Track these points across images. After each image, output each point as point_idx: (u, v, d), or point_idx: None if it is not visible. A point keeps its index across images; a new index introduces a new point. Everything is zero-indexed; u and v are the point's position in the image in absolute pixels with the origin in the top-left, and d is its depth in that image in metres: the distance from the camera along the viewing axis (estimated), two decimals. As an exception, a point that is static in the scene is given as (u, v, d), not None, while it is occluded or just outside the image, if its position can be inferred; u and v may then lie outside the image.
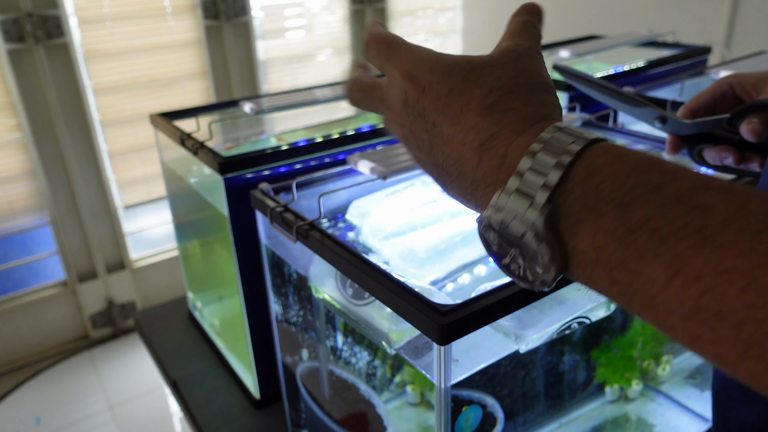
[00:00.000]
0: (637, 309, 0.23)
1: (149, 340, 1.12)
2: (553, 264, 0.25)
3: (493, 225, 0.27)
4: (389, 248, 0.65)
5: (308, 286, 0.65)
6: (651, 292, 0.22)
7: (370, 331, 0.55)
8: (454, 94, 0.29)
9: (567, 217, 0.25)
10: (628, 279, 0.23)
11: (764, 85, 0.52)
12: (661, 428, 0.75)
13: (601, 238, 0.23)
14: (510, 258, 0.27)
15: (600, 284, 0.24)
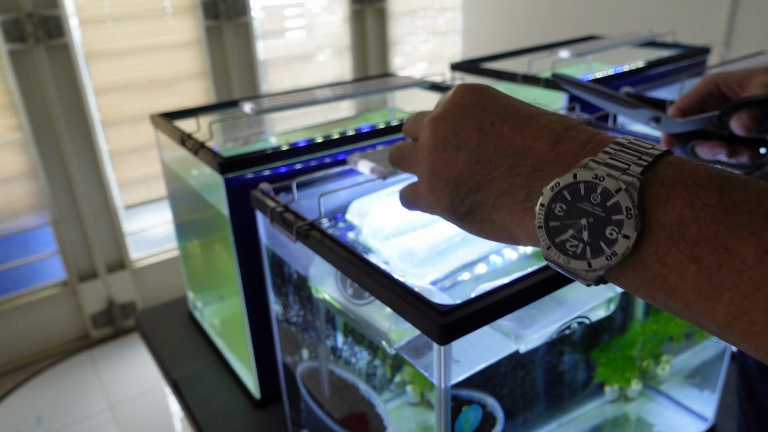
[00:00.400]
0: (710, 291, 0.23)
1: (149, 339, 1.12)
2: (634, 230, 0.25)
3: (577, 183, 0.26)
4: (389, 248, 0.65)
5: (308, 286, 0.66)
6: (738, 269, 0.22)
7: (370, 331, 0.55)
8: (520, 103, 0.32)
9: (658, 189, 0.25)
10: (712, 256, 0.23)
11: (748, 81, 0.53)
12: (661, 428, 0.75)
13: (692, 212, 0.24)
14: (572, 232, 0.27)
15: (674, 265, 0.24)
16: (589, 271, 0.26)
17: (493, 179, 0.30)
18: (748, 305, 0.22)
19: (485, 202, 0.31)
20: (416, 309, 0.43)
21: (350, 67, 3.27)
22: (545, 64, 1.22)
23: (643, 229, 0.25)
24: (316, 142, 0.81)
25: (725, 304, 0.23)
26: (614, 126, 0.84)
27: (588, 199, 0.26)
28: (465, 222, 0.33)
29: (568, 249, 0.27)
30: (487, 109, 0.32)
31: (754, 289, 0.22)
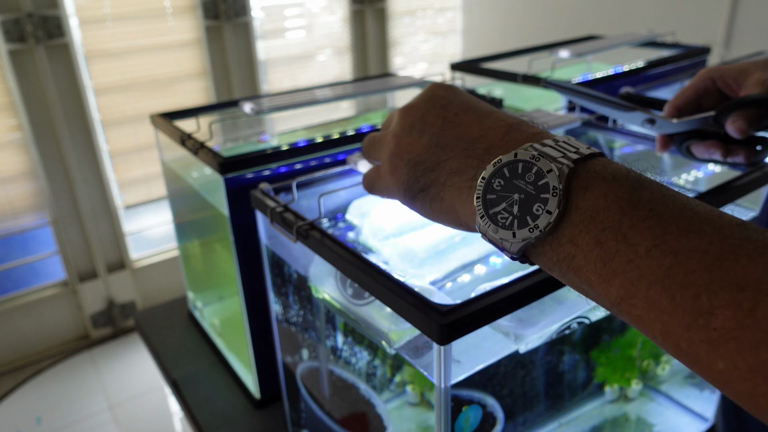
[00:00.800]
0: (606, 276, 0.26)
1: (149, 339, 1.12)
2: (557, 207, 0.28)
3: (516, 162, 0.30)
4: (389, 248, 0.65)
5: (308, 286, 0.66)
6: (629, 257, 0.25)
7: (370, 331, 0.55)
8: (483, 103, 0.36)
9: (582, 179, 0.28)
10: (612, 242, 0.26)
11: (745, 77, 0.53)
12: (661, 428, 0.75)
13: (605, 202, 0.27)
14: (504, 206, 0.30)
15: (581, 246, 0.27)
16: (513, 241, 0.29)
17: (448, 159, 0.34)
18: (633, 290, 0.25)
19: (438, 180, 0.34)
20: (416, 309, 0.43)
21: (350, 67, 3.27)
22: (545, 64, 1.22)
23: (565, 211, 0.28)
24: (316, 142, 0.81)
25: (616, 287, 0.26)
26: (614, 126, 0.84)
27: (524, 177, 0.30)
28: (417, 201, 0.36)
29: (499, 220, 0.30)
30: (453, 102, 0.36)
31: (639, 276, 0.25)
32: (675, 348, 0.24)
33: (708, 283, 0.23)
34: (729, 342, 0.22)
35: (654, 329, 0.25)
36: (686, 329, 0.23)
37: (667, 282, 0.24)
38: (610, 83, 1.11)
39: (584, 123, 0.83)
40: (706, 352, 0.23)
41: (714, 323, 0.23)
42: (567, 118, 0.79)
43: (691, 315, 0.23)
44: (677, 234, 0.25)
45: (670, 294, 0.24)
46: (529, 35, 3.00)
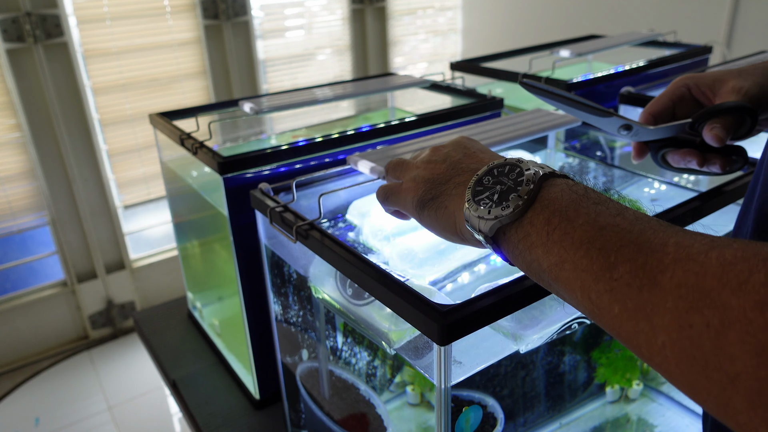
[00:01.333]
0: (548, 246, 0.33)
1: (149, 340, 1.11)
2: (526, 196, 0.35)
3: (503, 164, 0.38)
4: (389, 248, 0.65)
5: (308, 286, 0.65)
6: (566, 230, 0.33)
7: (370, 331, 0.55)
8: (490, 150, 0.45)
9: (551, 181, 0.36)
10: (557, 220, 0.33)
11: (720, 85, 0.53)
12: (662, 428, 0.75)
13: (562, 194, 0.35)
14: (488, 194, 0.37)
15: (537, 224, 0.34)
16: (488, 218, 0.36)
17: (458, 175, 0.41)
18: (564, 255, 0.32)
19: (445, 191, 0.41)
20: (416, 309, 0.43)
21: (350, 67, 3.27)
22: (545, 64, 1.22)
23: (532, 202, 0.35)
24: (316, 142, 0.81)
25: (554, 254, 0.33)
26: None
27: (508, 176, 0.37)
28: (425, 210, 0.42)
29: (480, 204, 0.37)
30: (475, 146, 0.45)
31: (570, 244, 0.32)
32: (587, 301, 0.31)
33: (618, 247, 0.30)
34: (623, 287, 0.29)
35: (575, 287, 0.31)
36: (596, 281, 0.30)
37: (588, 246, 0.31)
38: (610, 83, 1.10)
39: (584, 123, 0.83)
40: (607, 299, 0.29)
41: (615, 274, 0.29)
42: (567, 118, 0.79)
43: (601, 270, 0.30)
44: (606, 216, 0.32)
45: (589, 255, 0.31)
46: (529, 35, 2.99)
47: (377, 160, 0.65)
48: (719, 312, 0.25)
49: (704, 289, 0.26)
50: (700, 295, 0.26)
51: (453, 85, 1.09)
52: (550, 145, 0.94)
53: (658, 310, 0.27)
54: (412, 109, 1.23)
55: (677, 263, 0.27)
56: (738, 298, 0.24)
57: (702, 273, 0.26)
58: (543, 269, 0.34)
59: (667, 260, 0.28)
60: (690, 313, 0.26)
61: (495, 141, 0.70)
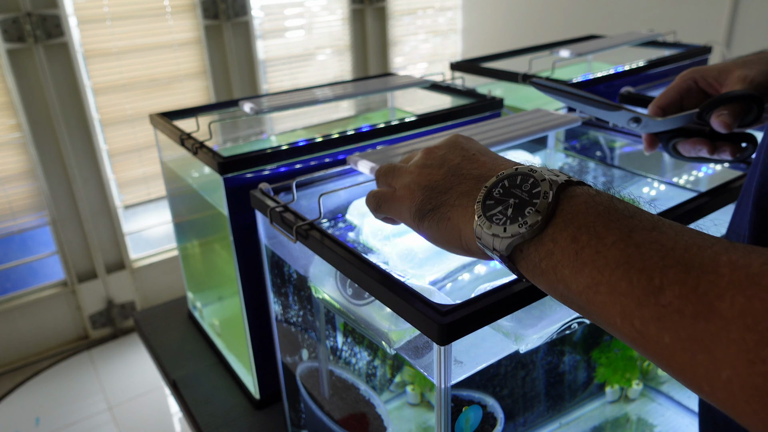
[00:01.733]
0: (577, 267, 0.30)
1: (149, 340, 1.11)
2: (546, 210, 0.32)
3: (515, 174, 0.35)
4: (389, 248, 0.65)
5: (308, 286, 0.65)
6: (598, 249, 0.30)
7: (370, 331, 0.55)
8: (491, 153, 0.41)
9: (570, 191, 0.33)
10: (585, 237, 0.30)
11: (726, 76, 0.54)
12: (662, 428, 0.75)
13: (586, 207, 0.31)
14: (500, 209, 0.34)
15: (562, 242, 0.31)
16: (503, 236, 0.33)
17: (460, 183, 0.38)
18: (598, 277, 0.29)
19: (448, 201, 0.38)
20: (416, 309, 0.43)
21: (350, 67, 3.27)
22: (545, 64, 1.22)
23: (551, 216, 0.32)
24: (316, 142, 0.81)
25: (585, 275, 0.30)
26: (614, 125, 0.84)
27: (520, 187, 0.34)
28: (426, 221, 0.39)
29: (493, 220, 0.34)
30: (472, 147, 0.41)
31: (605, 265, 0.29)
32: (630, 328, 0.28)
33: (661, 267, 0.27)
34: (674, 315, 0.26)
35: (614, 312, 0.28)
36: (639, 307, 0.27)
37: (626, 267, 0.28)
38: (610, 83, 1.10)
39: (584, 123, 0.83)
40: (655, 327, 0.26)
41: (663, 300, 0.26)
42: (567, 118, 0.79)
43: (644, 294, 0.27)
44: (641, 232, 0.29)
45: (628, 278, 0.28)
46: (529, 35, 2.99)
47: (377, 160, 0.65)
48: None
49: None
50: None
51: (453, 85, 1.09)
52: (550, 145, 0.94)
53: (719, 342, 0.24)
54: (412, 109, 1.23)
55: (736, 287, 0.24)
56: None
57: (765, 295, 0.24)
58: (572, 291, 0.30)
59: (722, 283, 0.25)
60: (761, 346, 0.23)
61: (495, 141, 0.70)
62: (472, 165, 0.39)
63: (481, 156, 0.40)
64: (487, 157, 0.40)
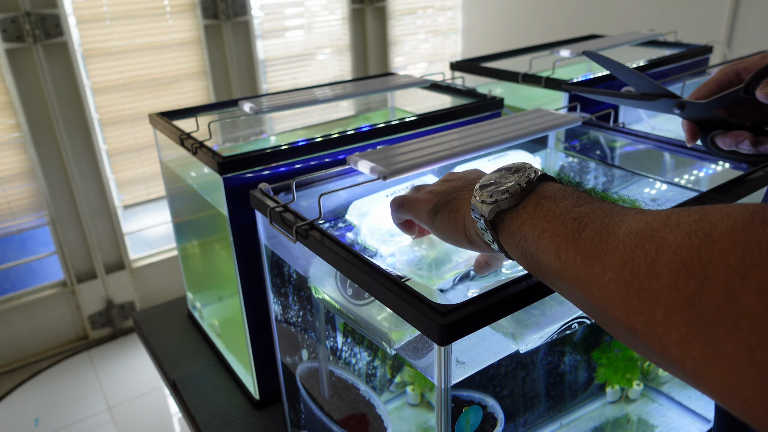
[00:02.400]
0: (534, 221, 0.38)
1: (148, 340, 1.11)
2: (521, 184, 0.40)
3: (511, 165, 0.43)
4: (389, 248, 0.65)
5: (308, 286, 0.65)
6: (552, 207, 0.37)
7: (370, 332, 0.55)
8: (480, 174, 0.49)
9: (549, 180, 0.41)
10: (546, 202, 0.38)
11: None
12: (662, 429, 0.75)
13: (556, 187, 0.40)
14: (494, 185, 0.41)
15: (528, 207, 0.39)
16: (488, 201, 0.40)
17: (471, 184, 0.46)
18: (545, 226, 0.36)
19: (459, 197, 0.45)
20: (416, 309, 0.43)
21: (350, 67, 3.26)
22: (546, 64, 1.21)
23: (530, 192, 0.40)
24: (316, 142, 0.81)
25: (537, 227, 0.37)
26: (614, 125, 0.84)
27: (514, 174, 0.42)
28: (438, 215, 0.46)
29: (484, 192, 0.41)
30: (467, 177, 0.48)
31: (553, 217, 0.37)
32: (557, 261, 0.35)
33: (589, 213, 0.35)
34: (587, 242, 0.33)
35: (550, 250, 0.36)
36: (565, 240, 0.35)
37: (565, 217, 0.36)
38: (610, 83, 1.10)
39: (585, 123, 0.82)
40: (573, 253, 0.34)
41: (583, 234, 0.34)
42: (567, 118, 0.79)
43: (572, 232, 0.35)
44: (589, 200, 0.37)
45: (565, 223, 0.36)
46: (529, 35, 2.99)
47: (377, 160, 0.65)
48: (656, 243, 0.29)
49: (650, 231, 0.30)
50: (645, 236, 0.30)
51: (453, 85, 1.09)
52: (550, 145, 0.94)
53: (610, 253, 0.31)
54: (412, 109, 1.23)
55: (633, 218, 0.32)
56: (673, 233, 0.28)
57: (651, 221, 0.31)
58: (528, 244, 0.38)
59: (627, 219, 0.32)
60: (635, 250, 0.30)
61: (495, 141, 0.70)
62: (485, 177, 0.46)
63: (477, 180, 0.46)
64: (480, 179, 0.46)
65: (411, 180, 0.75)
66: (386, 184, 0.72)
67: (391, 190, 0.73)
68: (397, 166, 0.64)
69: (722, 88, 0.54)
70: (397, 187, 0.73)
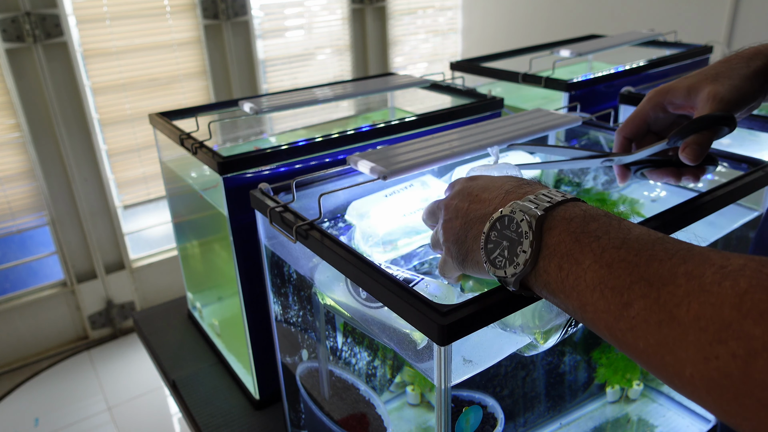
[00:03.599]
0: (567, 291, 0.35)
1: (148, 340, 1.11)
2: (530, 247, 0.37)
3: (502, 217, 0.40)
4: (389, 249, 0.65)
5: (312, 290, 0.65)
6: (579, 273, 0.34)
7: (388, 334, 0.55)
8: (496, 179, 0.46)
9: (549, 222, 0.38)
10: (568, 264, 0.35)
11: (695, 94, 0.52)
12: (662, 429, 0.75)
13: (563, 236, 0.36)
14: (498, 251, 0.40)
15: (551, 272, 0.36)
16: (508, 277, 0.39)
17: (471, 228, 0.44)
18: (583, 299, 0.34)
19: (469, 248, 0.44)
20: (416, 309, 0.43)
21: (350, 67, 3.26)
22: (546, 64, 1.21)
23: (540, 249, 0.37)
24: (316, 142, 0.81)
25: (574, 299, 0.34)
26: (615, 125, 0.84)
27: (509, 228, 0.39)
28: (466, 264, 0.45)
29: (497, 263, 0.40)
30: (473, 187, 0.46)
31: (585, 287, 0.33)
32: (614, 338, 0.32)
33: (628, 284, 0.31)
34: (642, 324, 0.30)
35: (601, 327, 0.33)
36: (616, 320, 0.31)
37: (601, 287, 0.32)
38: (610, 83, 1.10)
39: (585, 123, 0.82)
40: (631, 336, 0.30)
41: (632, 312, 0.30)
42: (567, 117, 0.79)
43: (617, 309, 0.31)
44: (611, 251, 0.33)
45: (604, 297, 0.32)
46: (529, 34, 2.99)
47: (377, 160, 0.65)
48: (744, 342, 0.25)
49: (725, 321, 0.26)
50: (721, 326, 0.26)
51: (453, 85, 1.09)
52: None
53: (680, 344, 0.28)
54: (412, 109, 1.23)
55: (691, 296, 0.28)
56: (761, 327, 0.25)
57: (719, 304, 0.27)
58: (570, 311, 0.35)
59: (680, 293, 0.29)
60: (714, 345, 0.26)
61: (495, 141, 0.70)
62: (477, 206, 0.44)
63: (483, 193, 0.45)
64: (488, 192, 0.44)
65: (411, 180, 0.75)
66: (386, 184, 0.71)
67: (390, 190, 0.73)
68: (397, 166, 0.64)
69: (648, 121, 0.56)
70: (396, 187, 0.73)
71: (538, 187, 0.43)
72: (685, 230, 0.57)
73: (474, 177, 0.48)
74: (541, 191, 0.40)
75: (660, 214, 0.56)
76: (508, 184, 0.44)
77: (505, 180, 0.45)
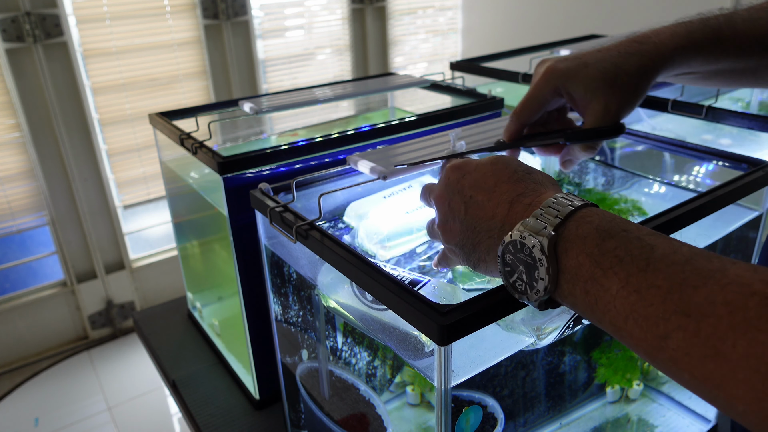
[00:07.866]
0: (598, 315, 0.33)
1: (148, 340, 1.11)
2: (546, 274, 0.35)
3: (514, 241, 0.38)
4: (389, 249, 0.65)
5: (314, 293, 0.65)
6: (607, 299, 0.32)
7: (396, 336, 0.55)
8: (488, 175, 0.43)
9: (563, 243, 0.36)
10: (594, 289, 0.33)
11: (592, 98, 0.50)
12: (663, 429, 0.75)
13: (582, 258, 0.34)
14: (516, 275, 0.38)
15: (578, 296, 0.34)
16: (530, 303, 0.38)
17: (480, 241, 0.42)
18: (617, 325, 0.32)
19: (481, 258, 0.43)
20: (416, 309, 0.43)
21: (350, 67, 3.26)
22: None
23: (559, 271, 0.35)
24: (316, 142, 0.81)
25: (606, 324, 0.33)
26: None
27: (522, 251, 0.37)
28: (478, 268, 0.44)
29: (517, 287, 0.39)
30: (465, 185, 0.44)
31: (617, 314, 0.32)
32: (659, 367, 0.31)
33: (662, 312, 0.29)
34: (684, 357, 0.28)
35: (641, 352, 0.31)
36: (655, 351, 0.30)
37: (634, 316, 0.31)
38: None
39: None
40: (674, 367, 0.29)
41: (671, 344, 0.29)
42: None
43: (655, 340, 0.30)
44: (637, 275, 0.31)
45: (639, 326, 0.31)
46: (529, 34, 2.99)
47: (377, 160, 0.65)
48: None
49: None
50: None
51: (453, 84, 1.09)
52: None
53: (730, 382, 0.26)
54: (412, 109, 1.23)
55: (737, 331, 0.27)
56: None
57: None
58: (604, 330, 0.34)
59: (722, 326, 0.27)
60: (767, 384, 0.25)
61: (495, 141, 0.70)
62: (477, 213, 0.42)
63: (477, 195, 0.43)
64: (482, 195, 0.43)
65: (410, 180, 0.75)
66: (386, 184, 0.72)
67: (390, 190, 0.73)
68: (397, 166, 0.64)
69: (544, 105, 0.54)
70: (397, 187, 0.73)
71: (540, 189, 0.41)
72: (685, 230, 0.57)
73: (460, 168, 0.45)
74: (546, 199, 0.38)
75: (660, 214, 0.56)
76: (505, 188, 0.42)
77: (499, 177, 0.43)
